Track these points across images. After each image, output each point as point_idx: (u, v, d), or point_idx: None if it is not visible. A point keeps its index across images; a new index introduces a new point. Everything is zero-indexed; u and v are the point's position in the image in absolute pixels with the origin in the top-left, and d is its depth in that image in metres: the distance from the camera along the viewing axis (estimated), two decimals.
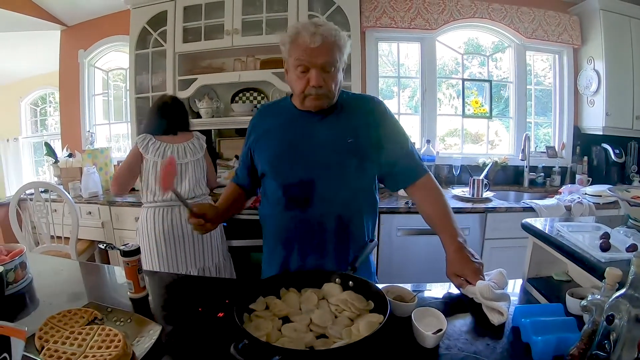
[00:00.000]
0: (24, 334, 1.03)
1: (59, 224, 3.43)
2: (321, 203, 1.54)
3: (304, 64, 1.45)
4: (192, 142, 2.81)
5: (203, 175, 2.84)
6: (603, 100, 3.65)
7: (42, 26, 4.25)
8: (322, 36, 1.41)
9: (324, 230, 1.56)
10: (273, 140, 1.61)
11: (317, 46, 1.41)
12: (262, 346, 0.95)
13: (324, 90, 1.47)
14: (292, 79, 1.52)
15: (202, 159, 2.83)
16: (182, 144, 2.76)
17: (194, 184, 2.76)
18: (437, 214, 1.58)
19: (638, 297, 0.86)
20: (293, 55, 1.47)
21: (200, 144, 2.85)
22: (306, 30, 1.43)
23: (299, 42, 1.44)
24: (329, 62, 1.45)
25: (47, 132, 5.56)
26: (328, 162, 1.54)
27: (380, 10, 3.66)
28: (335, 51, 1.46)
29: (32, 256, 1.75)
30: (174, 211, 2.65)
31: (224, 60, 3.93)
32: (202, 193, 2.83)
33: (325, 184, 1.54)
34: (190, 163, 2.75)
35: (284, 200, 1.57)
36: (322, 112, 1.57)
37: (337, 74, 1.51)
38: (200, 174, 2.81)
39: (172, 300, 1.50)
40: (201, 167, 2.82)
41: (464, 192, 3.44)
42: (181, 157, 2.72)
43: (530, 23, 3.83)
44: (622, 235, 1.35)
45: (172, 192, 1.41)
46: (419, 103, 4.08)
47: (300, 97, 1.52)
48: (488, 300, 1.27)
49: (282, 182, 1.57)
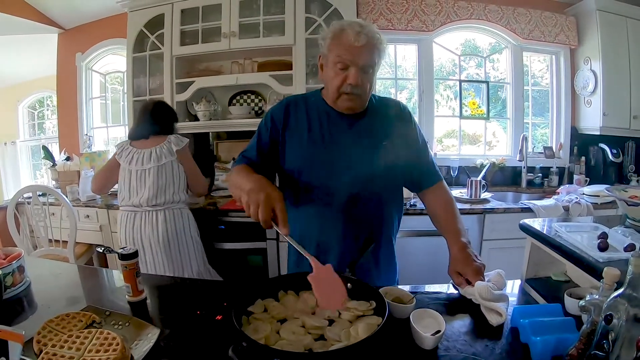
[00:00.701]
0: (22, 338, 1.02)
1: (57, 228, 3.42)
2: (355, 205, 1.56)
3: (344, 61, 1.45)
4: (161, 146, 2.66)
5: (174, 182, 2.68)
6: (600, 100, 3.66)
7: (40, 29, 4.25)
8: (367, 37, 1.43)
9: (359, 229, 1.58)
10: (310, 139, 1.58)
11: (360, 45, 1.42)
12: (260, 349, 0.95)
13: (360, 90, 1.48)
14: (329, 76, 1.52)
15: (170, 164, 2.66)
16: (149, 149, 2.65)
17: (156, 192, 2.61)
18: (445, 215, 1.63)
19: (636, 297, 0.86)
20: (334, 51, 1.47)
21: (169, 148, 2.66)
22: (351, 29, 1.43)
23: (343, 39, 1.45)
24: (370, 63, 1.47)
25: (44, 136, 5.54)
26: (366, 165, 1.56)
27: (377, 12, 3.67)
28: (376, 54, 1.48)
29: (30, 260, 1.75)
30: (143, 216, 2.63)
31: (221, 63, 3.94)
32: (171, 201, 2.67)
33: (361, 186, 1.55)
34: (152, 169, 2.62)
35: (317, 201, 1.57)
36: (356, 115, 1.59)
37: (373, 76, 1.53)
38: (164, 180, 2.64)
39: (170, 303, 1.50)
40: (168, 173, 2.66)
41: (462, 194, 3.45)
42: (145, 163, 2.62)
43: (527, 24, 3.84)
44: (620, 234, 1.35)
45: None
46: (417, 104, 4.09)
47: (335, 95, 1.52)
48: (487, 301, 1.27)
49: (319, 183, 1.57)
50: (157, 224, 2.60)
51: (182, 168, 2.73)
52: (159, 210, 2.63)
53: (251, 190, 1.21)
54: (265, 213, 1.15)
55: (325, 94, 1.61)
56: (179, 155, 2.69)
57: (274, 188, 1.25)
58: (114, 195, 3.79)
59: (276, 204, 1.17)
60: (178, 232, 2.66)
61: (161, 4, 3.57)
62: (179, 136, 2.76)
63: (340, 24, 1.50)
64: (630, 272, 0.87)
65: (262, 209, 1.15)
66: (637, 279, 0.86)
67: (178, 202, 2.71)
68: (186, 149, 2.75)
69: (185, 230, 2.72)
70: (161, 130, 2.73)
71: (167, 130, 2.75)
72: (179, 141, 2.71)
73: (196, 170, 2.83)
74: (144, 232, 2.60)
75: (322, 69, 1.58)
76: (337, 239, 1.58)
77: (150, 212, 2.62)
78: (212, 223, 3.15)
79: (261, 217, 1.15)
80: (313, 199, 1.57)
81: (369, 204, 1.57)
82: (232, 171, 1.56)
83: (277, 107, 1.66)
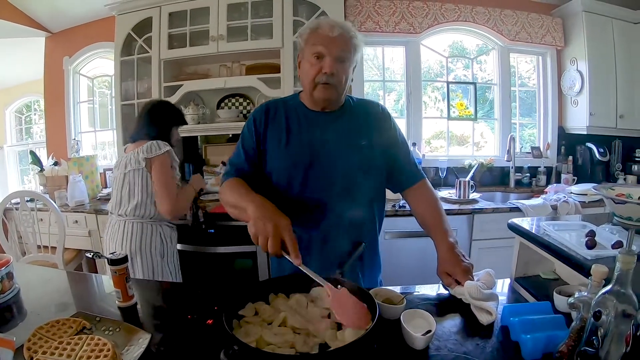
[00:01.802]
0: (13, 344, 1.02)
1: (46, 234, 3.39)
2: (337, 205, 1.56)
3: (319, 50, 1.48)
4: (135, 152, 2.41)
5: (139, 193, 2.42)
6: (587, 100, 3.71)
7: (27, 33, 4.21)
8: (342, 29, 1.49)
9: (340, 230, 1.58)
10: (289, 141, 1.58)
11: (335, 35, 1.47)
12: (252, 352, 0.95)
13: (335, 80, 1.49)
14: (305, 69, 1.54)
15: (134, 173, 2.42)
16: (130, 153, 2.44)
17: (119, 201, 2.47)
18: (431, 215, 1.63)
19: (624, 293, 0.87)
20: (310, 42, 1.51)
21: (138, 155, 2.39)
22: (326, 22, 1.50)
23: (318, 31, 1.49)
24: (344, 54, 1.49)
25: (32, 140, 5.50)
26: (345, 164, 1.56)
27: (365, 15, 3.68)
28: (351, 46, 1.51)
29: (19, 266, 1.73)
30: (112, 223, 2.51)
31: (209, 66, 3.93)
32: (133, 213, 2.42)
33: (341, 186, 1.56)
34: (119, 177, 2.47)
35: (298, 202, 1.57)
36: (334, 114, 1.60)
37: (348, 69, 1.54)
38: (127, 189, 2.44)
39: (161, 308, 1.49)
40: (132, 183, 2.43)
41: (451, 194, 3.46)
42: (119, 168, 2.48)
43: (514, 25, 3.87)
44: (607, 232, 1.37)
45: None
46: (405, 106, 4.11)
47: (311, 86, 1.53)
48: (477, 301, 1.28)
49: (300, 185, 1.57)
50: (119, 234, 2.44)
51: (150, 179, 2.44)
52: (122, 220, 2.45)
53: (257, 218, 1.21)
54: (275, 246, 1.15)
55: (303, 93, 1.63)
56: (148, 165, 2.40)
57: (280, 214, 1.24)
58: (103, 200, 3.78)
59: (285, 234, 1.17)
60: (135, 248, 2.40)
61: (149, 7, 3.56)
62: (159, 143, 2.43)
63: (316, 20, 1.56)
64: (618, 269, 0.88)
65: (272, 241, 1.15)
66: (625, 276, 0.87)
67: (143, 216, 2.43)
68: (161, 158, 2.40)
69: (144, 249, 2.42)
70: (151, 134, 2.48)
71: (159, 135, 2.48)
72: (153, 148, 2.39)
73: (164, 184, 2.40)
74: (111, 240, 2.48)
75: (300, 66, 1.60)
76: (319, 241, 1.58)
77: (118, 221, 2.47)
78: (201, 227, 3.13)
79: (271, 250, 1.16)
80: (294, 201, 1.57)
81: (350, 204, 1.57)
82: (223, 186, 1.56)
83: (257, 111, 1.66)
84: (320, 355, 1.02)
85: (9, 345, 1.05)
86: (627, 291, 0.87)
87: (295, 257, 1.16)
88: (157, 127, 2.52)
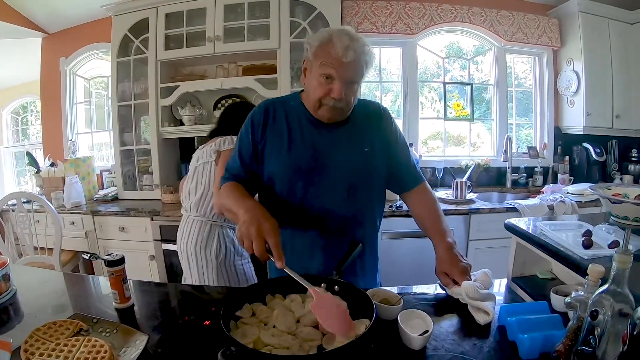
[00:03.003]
0: (10, 346, 1.02)
1: (42, 235, 3.38)
2: (339, 210, 1.56)
3: (330, 73, 1.41)
4: (210, 145, 2.37)
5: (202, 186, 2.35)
6: (583, 100, 3.72)
7: (23, 34, 4.20)
8: (356, 53, 1.39)
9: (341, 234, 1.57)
10: (290, 144, 1.55)
11: (348, 61, 1.38)
12: (249, 353, 0.95)
13: (342, 103, 1.46)
14: (312, 84, 1.47)
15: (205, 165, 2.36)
16: (205, 147, 2.41)
17: (188, 194, 2.41)
18: (430, 216, 1.63)
19: (621, 292, 0.87)
20: (320, 59, 1.43)
21: (213, 147, 2.34)
22: (340, 41, 1.39)
23: (330, 50, 1.40)
24: (355, 79, 1.44)
25: (28, 142, 5.48)
26: (348, 172, 1.55)
27: (362, 16, 3.68)
28: (363, 68, 1.45)
29: (15, 268, 1.72)
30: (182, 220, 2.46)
31: (206, 67, 3.92)
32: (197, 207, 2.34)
33: (344, 192, 1.55)
34: (198, 168, 2.40)
35: (299, 207, 1.56)
36: (338, 122, 1.57)
37: (358, 89, 1.51)
38: (195, 182, 2.39)
39: (158, 310, 1.49)
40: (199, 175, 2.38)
41: (448, 195, 3.47)
42: (193, 163, 2.46)
43: (510, 26, 3.88)
44: (604, 232, 1.37)
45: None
46: (401, 107, 4.12)
47: (316, 104, 1.48)
48: (474, 301, 1.28)
49: (302, 190, 1.55)
50: (182, 228, 2.41)
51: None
52: (186, 216, 2.41)
53: (243, 222, 1.21)
54: (259, 249, 1.15)
55: (306, 98, 1.57)
56: (217, 158, 2.32)
57: (267, 218, 1.23)
58: (100, 201, 3.77)
59: (268, 237, 1.17)
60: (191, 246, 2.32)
61: (146, 8, 3.56)
62: (233, 138, 2.33)
63: (328, 32, 1.44)
64: (615, 268, 0.88)
65: (256, 244, 1.16)
66: (621, 275, 0.88)
67: (204, 213, 2.34)
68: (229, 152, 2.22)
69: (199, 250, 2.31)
70: (223, 131, 2.44)
71: (230, 131, 2.40)
72: (226, 142, 2.33)
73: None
74: (178, 232, 2.44)
75: (306, 74, 1.54)
76: (319, 245, 1.57)
77: (184, 215, 2.45)
78: None
79: (255, 252, 1.16)
80: (295, 205, 1.56)
81: (352, 207, 1.57)
82: (221, 191, 1.56)
83: (256, 111, 1.62)
84: (317, 356, 1.02)
85: (6, 347, 1.04)
86: (624, 290, 0.87)
87: (277, 259, 1.15)
88: (233, 124, 2.37)
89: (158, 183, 3.73)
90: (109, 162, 4.54)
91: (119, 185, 3.89)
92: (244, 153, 1.61)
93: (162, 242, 3.28)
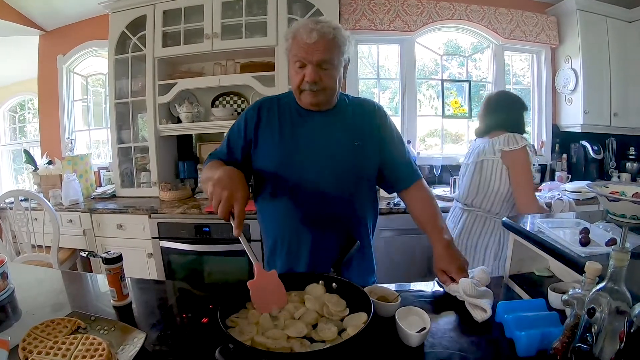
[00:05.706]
0: (7, 344, 1.01)
1: (40, 233, 3.37)
2: (328, 204, 1.56)
3: (300, 59, 1.47)
4: (491, 142, 2.32)
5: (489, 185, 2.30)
6: (581, 98, 3.72)
7: (20, 31, 4.18)
8: (319, 33, 1.43)
9: (333, 230, 1.58)
10: (281, 138, 1.58)
11: (313, 42, 1.42)
12: (247, 350, 0.95)
13: (319, 86, 1.48)
14: (291, 75, 1.54)
15: (488, 163, 2.31)
16: (485, 142, 2.38)
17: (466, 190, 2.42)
18: (427, 214, 1.63)
19: (618, 290, 0.87)
20: (292, 50, 1.50)
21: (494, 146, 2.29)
22: (304, 27, 1.45)
23: (298, 37, 1.46)
24: (325, 59, 1.46)
25: (26, 140, 5.46)
26: (337, 164, 1.56)
27: (360, 13, 3.68)
28: (333, 49, 1.47)
29: (13, 266, 1.73)
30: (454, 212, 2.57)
31: (203, 64, 3.91)
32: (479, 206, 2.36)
33: (333, 185, 1.56)
34: (471, 165, 2.41)
35: (290, 201, 1.57)
36: (327, 113, 1.60)
37: (334, 72, 1.51)
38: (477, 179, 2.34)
39: (156, 307, 1.49)
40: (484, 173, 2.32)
41: (445, 192, 3.48)
42: (471, 157, 2.47)
43: (508, 24, 3.88)
44: (601, 229, 1.37)
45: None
46: (399, 104, 4.12)
47: (297, 92, 1.53)
48: (471, 298, 1.28)
49: (292, 183, 1.56)
50: (459, 224, 2.44)
51: (506, 174, 2.27)
52: (466, 210, 2.43)
53: (218, 182, 1.24)
54: (223, 211, 1.19)
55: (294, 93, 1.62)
56: (505, 159, 2.25)
57: (241, 186, 1.25)
58: (98, 199, 3.77)
59: (236, 205, 1.20)
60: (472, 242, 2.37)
61: (143, 5, 3.55)
62: (516, 136, 2.26)
63: (297, 23, 1.52)
64: (612, 265, 0.88)
65: (222, 206, 1.19)
66: (618, 273, 0.88)
67: (489, 210, 2.34)
68: (519, 154, 2.22)
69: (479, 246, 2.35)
70: (497, 124, 2.38)
71: (506, 125, 2.34)
72: (510, 141, 2.24)
73: (522, 183, 2.23)
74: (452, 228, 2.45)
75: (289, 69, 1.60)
76: (310, 239, 1.59)
77: (461, 210, 2.47)
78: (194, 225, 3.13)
79: (219, 214, 1.20)
80: (285, 198, 1.58)
81: (341, 202, 1.58)
82: (204, 168, 1.60)
83: (250, 108, 1.68)
84: (314, 353, 1.02)
85: (3, 345, 1.04)
86: (621, 288, 0.87)
87: (235, 227, 1.19)
88: (506, 116, 2.39)
89: (156, 180, 3.72)
90: (106, 159, 4.53)
91: (117, 183, 3.87)
92: (232, 145, 1.67)
93: (160, 239, 3.26)
